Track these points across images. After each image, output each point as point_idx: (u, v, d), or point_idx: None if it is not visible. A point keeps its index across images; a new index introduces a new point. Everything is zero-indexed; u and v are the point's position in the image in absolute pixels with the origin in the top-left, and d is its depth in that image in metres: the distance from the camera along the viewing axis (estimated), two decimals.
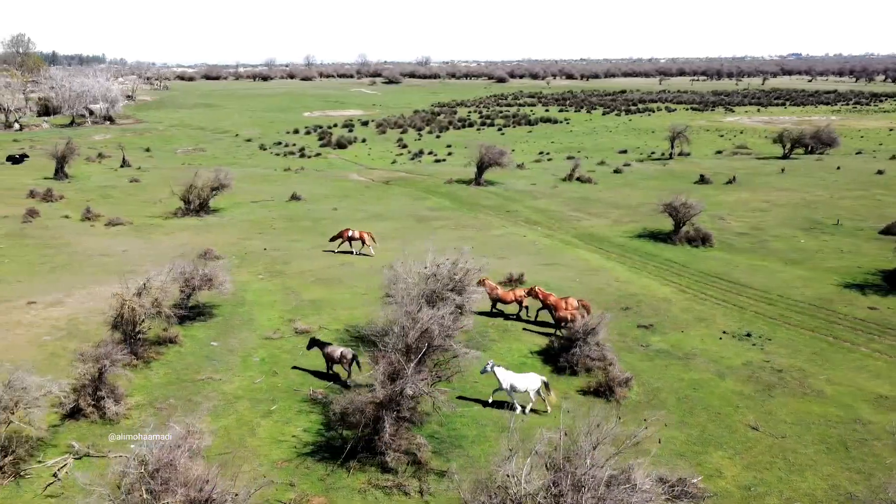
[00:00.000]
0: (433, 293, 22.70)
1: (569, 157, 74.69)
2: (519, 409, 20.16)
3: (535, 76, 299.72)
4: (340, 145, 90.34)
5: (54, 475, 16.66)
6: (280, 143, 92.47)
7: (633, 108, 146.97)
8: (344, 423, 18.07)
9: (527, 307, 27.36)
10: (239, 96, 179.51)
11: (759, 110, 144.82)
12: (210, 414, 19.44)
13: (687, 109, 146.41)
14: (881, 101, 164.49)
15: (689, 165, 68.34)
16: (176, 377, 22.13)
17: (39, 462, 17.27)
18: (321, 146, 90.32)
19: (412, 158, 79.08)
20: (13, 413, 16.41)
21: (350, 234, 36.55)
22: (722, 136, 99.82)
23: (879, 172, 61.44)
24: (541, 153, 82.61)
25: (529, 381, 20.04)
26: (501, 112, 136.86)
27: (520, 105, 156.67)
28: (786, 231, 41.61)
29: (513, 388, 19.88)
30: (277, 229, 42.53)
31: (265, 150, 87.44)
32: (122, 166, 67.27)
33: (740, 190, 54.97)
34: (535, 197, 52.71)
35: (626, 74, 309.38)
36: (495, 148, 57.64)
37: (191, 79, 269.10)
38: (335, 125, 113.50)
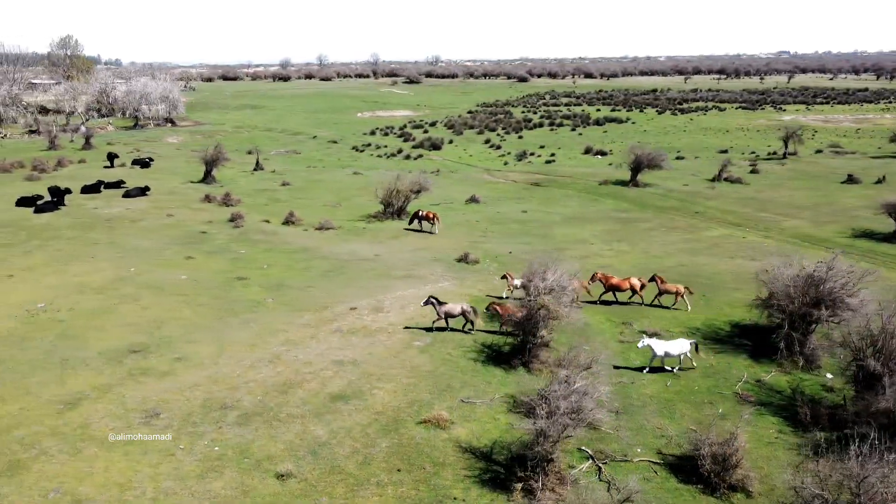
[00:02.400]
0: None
1: (678, 158, 75.31)
2: (670, 369, 23.33)
3: (553, 75, 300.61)
4: (435, 146, 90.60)
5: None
6: (370, 145, 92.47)
7: (678, 107, 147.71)
8: None
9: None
10: (275, 97, 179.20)
11: (808, 108, 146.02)
12: None
13: (736, 108, 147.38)
14: None
15: (812, 165, 69.18)
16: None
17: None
18: (413, 147, 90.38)
19: (519, 160, 79.45)
20: None
21: (420, 213, 42.65)
22: (751, 133, 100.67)
23: None
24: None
25: (681, 346, 23.07)
26: (555, 112, 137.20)
27: (566, 105, 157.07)
28: None
29: (667, 355, 22.92)
30: (494, 232, 42.89)
31: (360, 151, 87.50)
32: (255, 169, 67.16)
33: None
34: (706, 198, 53.35)
35: (642, 73, 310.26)
36: (648, 150, 58.10)
37: (209, 79, 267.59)
38: (405, 126, 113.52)
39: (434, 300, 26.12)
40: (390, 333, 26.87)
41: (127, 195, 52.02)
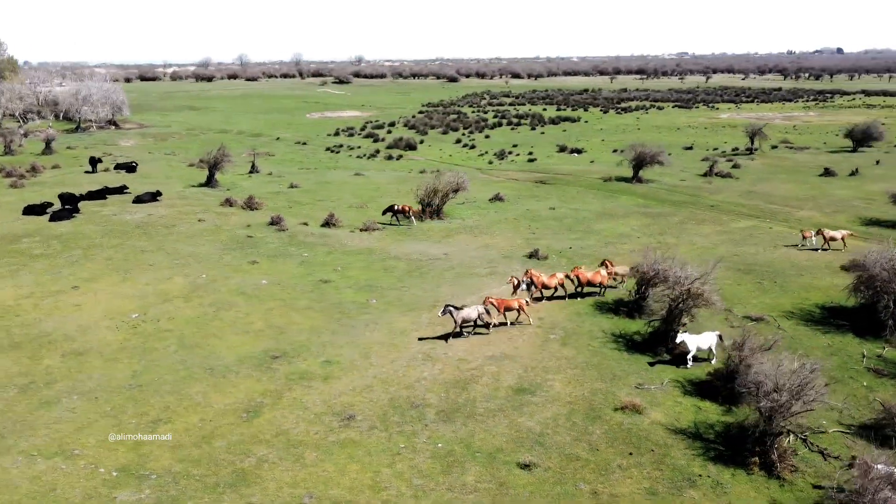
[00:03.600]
0: None
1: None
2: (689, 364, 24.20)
3: (481, 76, 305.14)
4: (410, 147, 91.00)
5: None
6: (342, 146, 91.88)
7: (618, 106, 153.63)
8: None
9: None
10: (209, 98, 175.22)
11: (738, 107, 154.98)
12: None
13: (673, 107, 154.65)
14: (829, 97, 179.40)
15: (781, 160, 74.15)
16: None
17: None
18: (388, 148, 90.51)
19: (501, 158, 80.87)
20: None
21: (396, 206, 44.94)
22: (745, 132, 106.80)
23: None
24: (614, 150, 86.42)
25: (710, 339, 24.18)
26: (506, 111, 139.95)
27: (510, 105, 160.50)
28: None
29: (699, 349, 23.86)
30: (539, 228, 44.23)
31: (335, 152, 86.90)
32: (251, 172, 65.83)
33: (876, 180, 60.82)
34: (710, 192, 56.55)
35: (566, 73, 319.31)
36: (647, 147, 60.80)
37: (127, 80, 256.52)
38: (364, 126, 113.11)
39: (451, 309, 25.74)
40: (520, 328, 27.60)
41: (138, 201, 50.14)
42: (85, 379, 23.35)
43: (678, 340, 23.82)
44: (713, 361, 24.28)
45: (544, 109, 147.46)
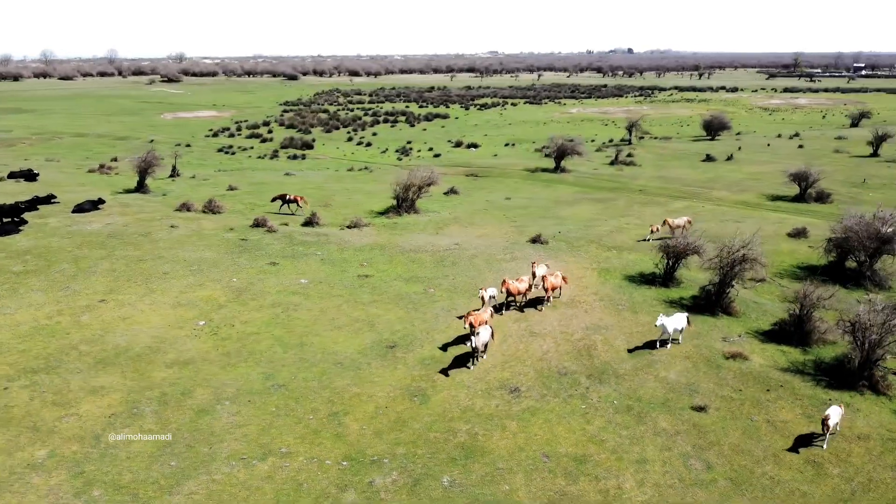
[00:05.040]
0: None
1: (538, 149, 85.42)
2: (669, 346, 25.48)
3: (320, 73, 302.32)
4: (307, 146, 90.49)
5: None
6: (231, 147, 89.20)
7: (472, 103, 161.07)
8: None
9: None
10: (32, 99, 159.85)
11: (581, 102, 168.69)
12: None
13: (525, 104, 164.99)
14: (651, 93, 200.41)
15: (661, 149, 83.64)
16: None
17: None
18: (282, 147, 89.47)
19: (405, 154, 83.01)
20: None
21: (288, 196, 47.36)
22: (605, 125, 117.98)
23: (800, 146, 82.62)
24: (506, 144, 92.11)
25: (682, 321, 25.59)
26: (374, 109, 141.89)
27: (369, 103, 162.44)
28: (839, 185, 57.16)
29: (675, 331, 25.21)
30: (517, 217, 47.68)
31: (229, 154, 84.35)
32: (172, 176, 62.91)
33: (749, 163, 71.12)
34: (630, 178, 63.18)
35: (402, 71, 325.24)
36: (568, 139, 66.41)
37: None
38: (239, 126, 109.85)
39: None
40: (584, 302, 30.76)
41: (79, 210, 46.77)
42: (220, 385, 23.04)
43: (658, 324, 24.56)
44: (680, 341, 25.72)
45: (407, 107, 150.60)
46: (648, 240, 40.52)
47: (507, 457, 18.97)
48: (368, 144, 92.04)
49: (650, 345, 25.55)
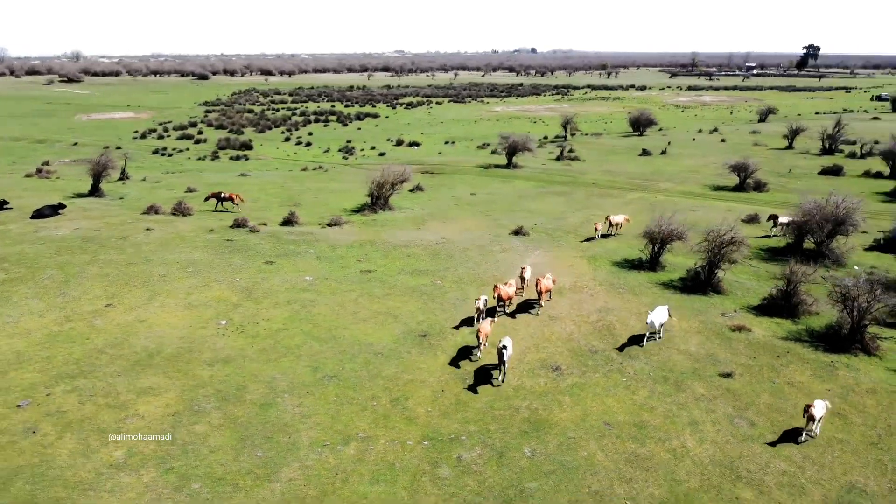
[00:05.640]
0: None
1: (481, 146, 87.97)
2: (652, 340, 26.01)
3: (231, 73, 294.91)
4: (246, 146, 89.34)
5: None
6: (165, 149, 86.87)
7: (398, 102, 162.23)
8: None
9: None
10: None
11: (503, 100, 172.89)
12: None
13: (450, 102, 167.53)
14: (566, 91, 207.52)
15: (597, 145, 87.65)
16: None
17: None
18: (220, 148, 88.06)
19: (350, 154, 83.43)
20: None
21: (223, 194, 47.86)
22: (535, 122, 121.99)
23: (723, 140, 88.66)
24: (446, 142, 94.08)
25: (665, 314, 26.00)
26: (304, 109, 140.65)
27: (292, 102, 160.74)
28: (768, 175, 62.34)
29: (661, 325, 25.65)
30: (491, 212, 49.58)
31: (165, 155, 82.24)
32: (121, 179, 61.13)
33: (683, 157, 75.94)
34: (578, 172, 66.29)
35: (316, 70, 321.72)
36: (518, 136, 68.92)
37: None
38: (167, 128, 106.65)
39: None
40: (586, 288, 32.86)
41: (39, 215, 45.13)
42: (270, 380, 23.51)
43: (648, 321, 25.08)
44: (659, 337, 26.21)
45: (333, 106, 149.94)
46: (595, 239, 41.07)
47: (574, 427, 20.51)
48: (308, 144, 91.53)
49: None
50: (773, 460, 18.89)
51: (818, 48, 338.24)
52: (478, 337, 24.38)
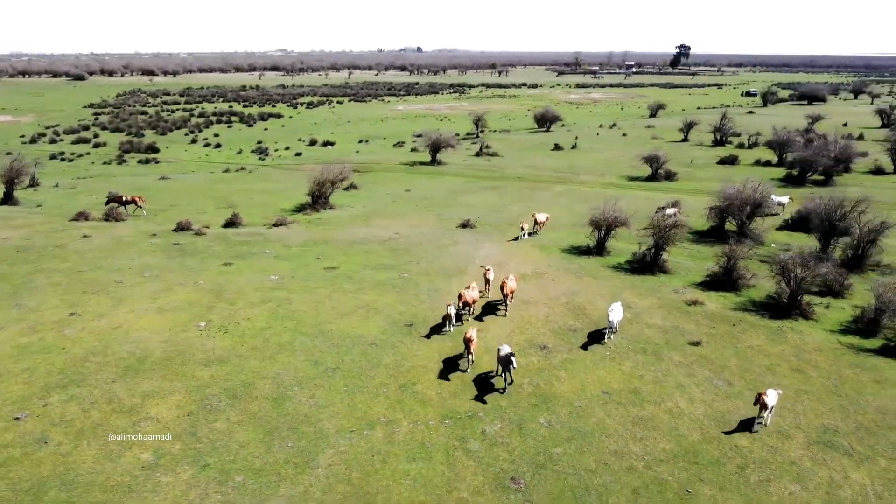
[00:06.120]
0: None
1: (397, 144, 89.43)
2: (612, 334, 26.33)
3: (111, 73, 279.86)
4: (152, 149, 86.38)
5: None
6: (63, 153, 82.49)
7: (297, 102, 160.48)
8: None
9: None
10: None
11: (404, 100, 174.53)
12: None
13: (350, 101, 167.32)
14: (462, 90, 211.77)
15: (511, 141, 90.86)
16: None
17: None
18: (123, 151, 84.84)
19: (264, 154, 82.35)
20: None
21: (124, 198, 46.41)
22: (441, 120, 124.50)
23: (624, 134, 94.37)
24: (360, 141, 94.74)
25: (621, 310, 26.58)
26: (202, 110, 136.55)
27: (186, 103, 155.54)
28: (673, 165, 67.50)
29: (619, 322, 26.25)
30: (433, 207, 51.13)
31: (65, 160, 78.22)
32: (31, 186, 58.03)
33: (592, 151, 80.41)
34: (500, 168, 68.99)
35: (202, 70, 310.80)
36: (441, 134, 70.77)
37: None
38: (57, 131, 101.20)
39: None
40: (547, 274, 35.02)
41: None
42: (274, 376, 23.89)
43: (610, 319, 25.73)
44: (615, 332, 26.47)
45: (230, 107, 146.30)
46: (520, 238, 40.92)
47: (577, 397, 22.32)
48: (218, 146, 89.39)
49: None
50: (757, 412, 21.40)
51: (689, 48, 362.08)
52: (467, 346, 23.74)
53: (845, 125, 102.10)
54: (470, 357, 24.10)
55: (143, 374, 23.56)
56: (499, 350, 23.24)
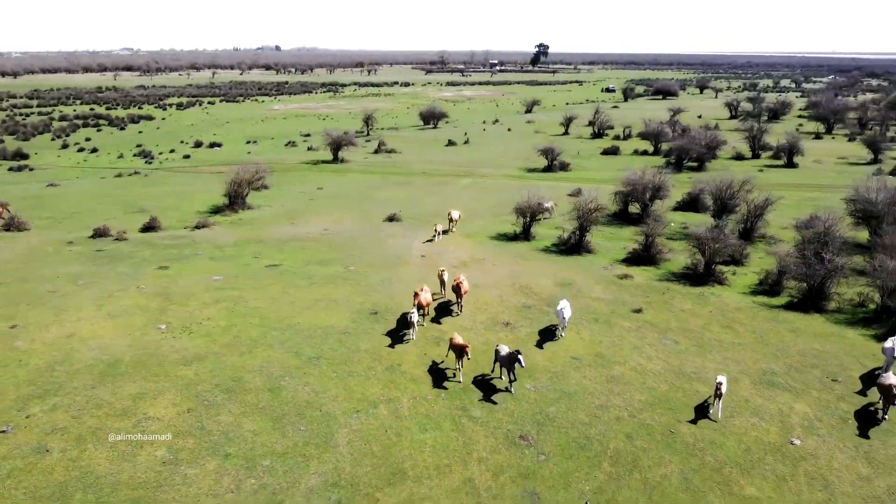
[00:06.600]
0: None
1: (288, 144, 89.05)
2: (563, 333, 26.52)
3: None
4: (21, 156, 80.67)
5: None
6: None
7: (165, 103, 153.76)
8: None
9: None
10: None
11: (278, 99, 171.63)
12: None
13: (223, 101, 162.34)
14: (335, 89, 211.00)
15: (401, 139, 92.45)
16: None
17: None
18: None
19: (149, 157, 79.09)
20: None
21: None
22: (323, 119, 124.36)
23: (509, 129, 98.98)
24: (247, 142, 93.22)
25: (569, 307, 26.51)
26: (57, 113, 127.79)
27: (38, 107, 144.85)
28: (565, 156, 72.40)
29: (569, 318, 26.23)
30: (354, 204, 52.23)
31: None
32: None
33: (484, 146, 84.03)
34: (405, 164, 70.77)
35: (45, 71, 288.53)
36: (342, 133, 71.56)
37: None
38: None
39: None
40: (486, 260, 37.35)
41: None
42: (259, 369, 24.30)
43: (564, 317, 26.03)
44: (563, 331, 26.60)
45: (92, 109, 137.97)
46: (435, 240, 40.10)
47: (552, 364, 24.63)
48: (94, 150, 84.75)
49: (563, 284, 32.78)
50: (706, 364, 24.68)
51: (548, 46, 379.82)
52: (460, 354, 23.33)
53: (700, 117, 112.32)
54: (460, 363, 23.68)
55: (122, 377, 23.27)
56: (497, 351, 22.93)
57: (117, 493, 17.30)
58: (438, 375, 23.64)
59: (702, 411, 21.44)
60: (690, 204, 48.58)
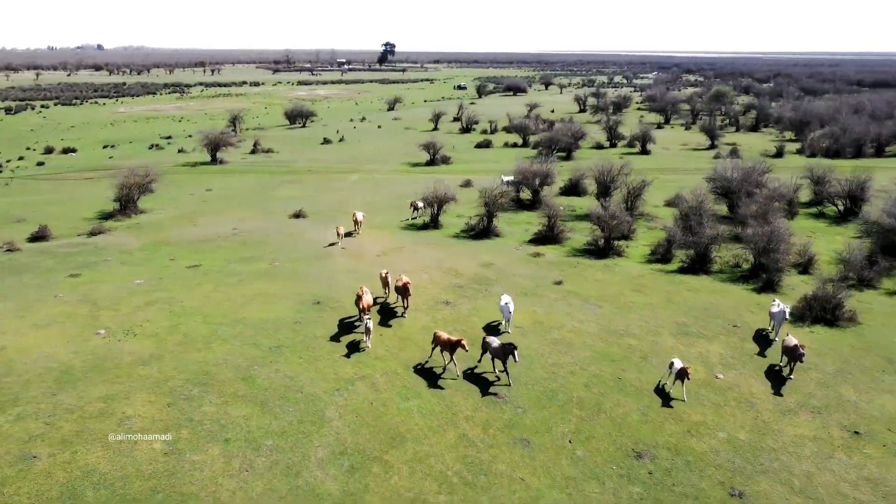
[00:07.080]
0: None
1: (154, 147, 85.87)
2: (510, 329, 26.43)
3: None
4: None
5: None
6: None
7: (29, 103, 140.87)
8: None
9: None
10: None
11: (121, 102, 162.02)
12: None
13: (57, 105, 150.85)
14: (182, 90, 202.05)
15: (272, 138, 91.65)
16: None
17: None
18: None
19: (0, 167, 74.13)
20: None
21: None
22: (178, 121, 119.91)
23: (379, 126, 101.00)
24: (105, 146, 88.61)
25: (511, 300, 26.20)
26: None
27: None
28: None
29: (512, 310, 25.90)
30: (252, 203, 52.27)
31: None
32: None
33: (361, 143, 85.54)
34: (289, 162, 70.95)
35: None
36: (218, 133, 70.27)
37: None
38: None
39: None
40: (406, 248, 39.35)
41: None
42: (223, 362, 24.73)
43: (510, 311, 26.13)
44: (508, 326, 26.63)
45: None
46: (338, 243, 39.06)
47: (498, 335, 27.21)
48: None
49: (486, 265, 35.43)
50: (630, 322, 28.24)
51: (395, 45, 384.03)
52: (453, 350, 23.48)
53: (553, 111, 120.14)
54: (453, 359, 23.89)
55: (81, 382, 22.89)
56: (489, 343, 22.89)
57: (129, 486, 17.55)
58: (400, 352, 25.27)
59: (663, 396, 24.06)
60: (572, 189, 53.04)
